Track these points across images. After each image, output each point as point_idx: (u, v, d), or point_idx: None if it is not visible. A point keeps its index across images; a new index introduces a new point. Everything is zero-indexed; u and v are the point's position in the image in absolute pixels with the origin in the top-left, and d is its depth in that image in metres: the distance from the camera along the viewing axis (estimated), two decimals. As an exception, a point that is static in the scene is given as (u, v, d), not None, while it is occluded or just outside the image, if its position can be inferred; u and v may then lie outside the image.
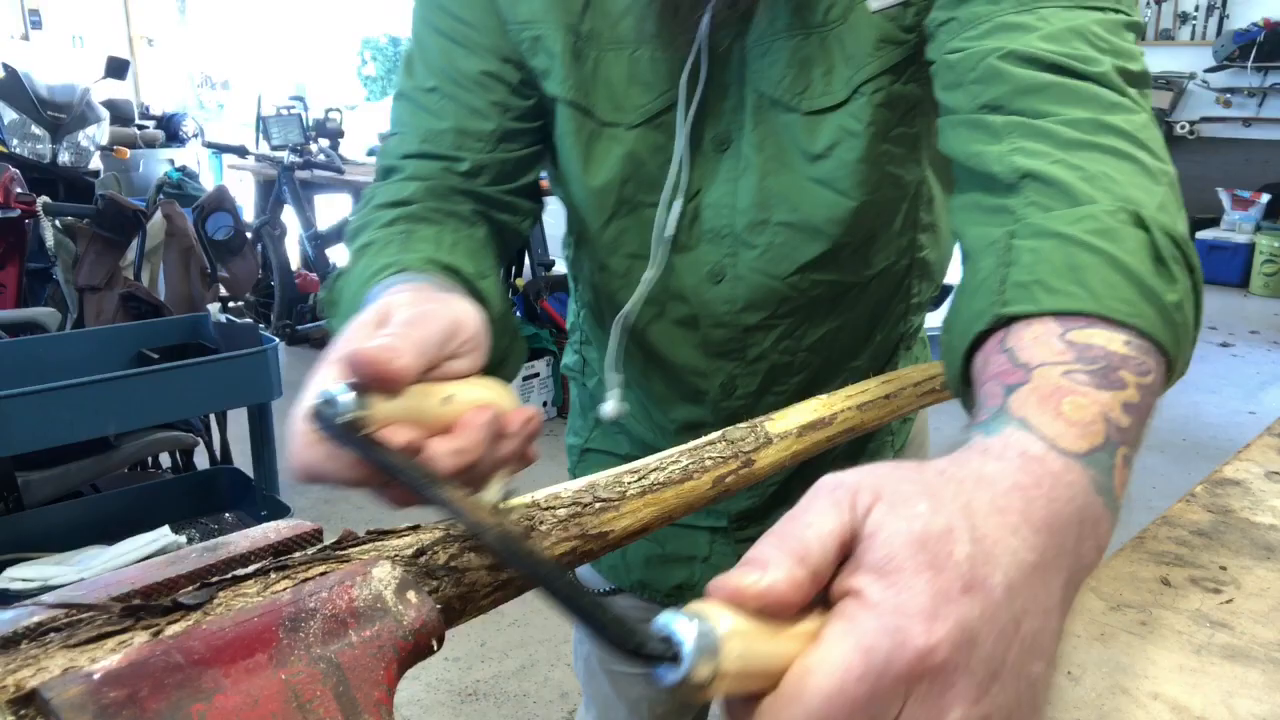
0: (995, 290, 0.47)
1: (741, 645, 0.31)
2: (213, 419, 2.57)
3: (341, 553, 0.37)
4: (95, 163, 3.68)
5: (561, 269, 4.08)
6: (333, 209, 5.26)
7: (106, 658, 0.28)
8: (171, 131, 6.71)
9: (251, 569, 0.34)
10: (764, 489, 0.92)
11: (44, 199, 2.75)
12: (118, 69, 4.38)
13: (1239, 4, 6.82)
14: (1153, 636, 0.84)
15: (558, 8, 0.73)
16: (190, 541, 2.09)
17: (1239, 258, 6.46)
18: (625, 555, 0.99)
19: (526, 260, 4.12)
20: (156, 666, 0.28)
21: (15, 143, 3.41)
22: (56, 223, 2.73)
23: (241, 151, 4.96)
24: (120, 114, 6.05)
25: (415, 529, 0.40)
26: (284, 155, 4.68)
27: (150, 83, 8.98)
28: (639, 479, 0.47)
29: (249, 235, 3.62)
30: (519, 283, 3.97)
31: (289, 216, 4.78)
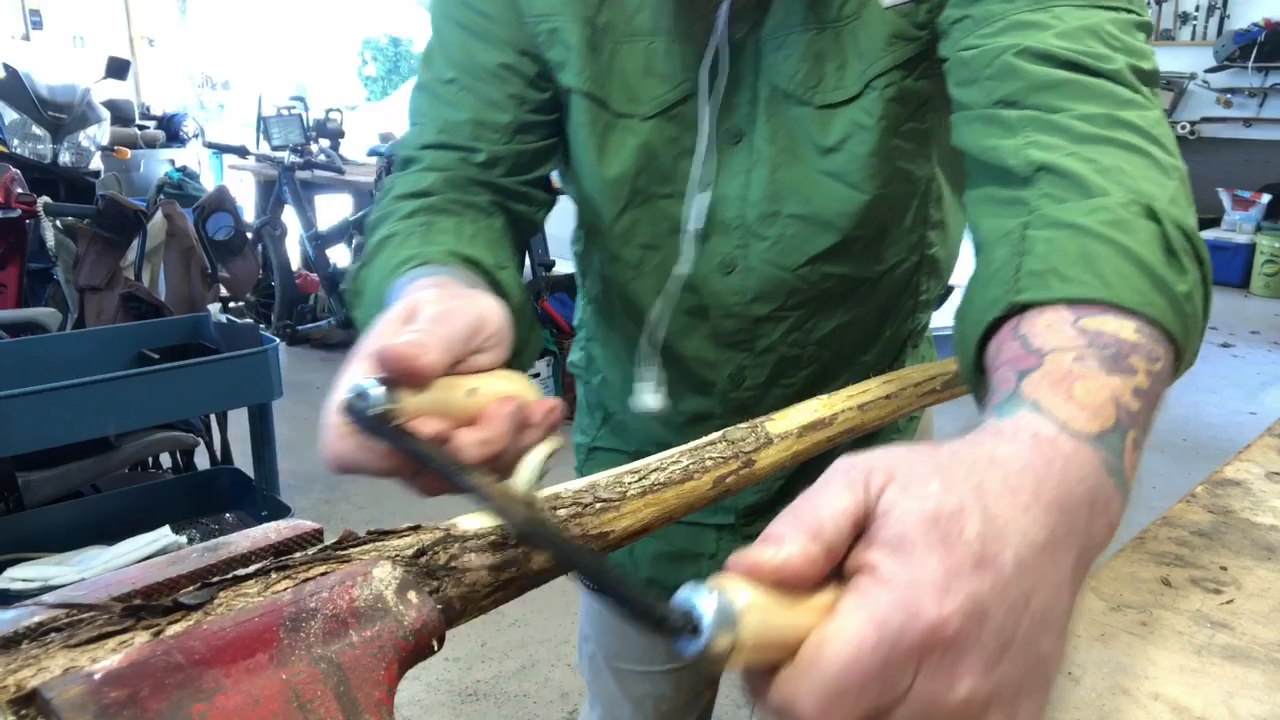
0: (1010, 279, 0.48)
1: (759, 617, 0.32)
2: (213, 419, 2.57)
3: (342, 553, 0.36)
4: (96, 163, 3.68)
5: (562, 269, 4.08)
6: (333, 209, 5.26)
7: (107, 658, 0.28)
8: (172, 132, 6.72)
9: (252, 569, 0.34)
10: (771, 484, 0.93)
11: (45, 199, 2.75)
12: (118, 69, 4.38)
13: (1239, 4, 6.81)
14: (1153, 637, 0.84)
15: (575, 0, 0.74)
16: (191, 542, 2.09)
17: (1239, 258, 6.45)
18: (633, 553, 0.99)
19: (527, 261, 4.12)
20: (157, 666, 0.28)
21: (16, 143, 3.41)
22: (57, 223, 2.73)
23: (242, 152, 4.96)
24: (121, 114, 6.06)
25: (416, 529, 0.40)
26: (284, 155, 4.68)
27: (151, 83, 8.98)
28: (639, 479, 0.47)
29: (249, 235, 3.62)
30: (519, 283, 3.97)
31: (289, 217, 4.78)
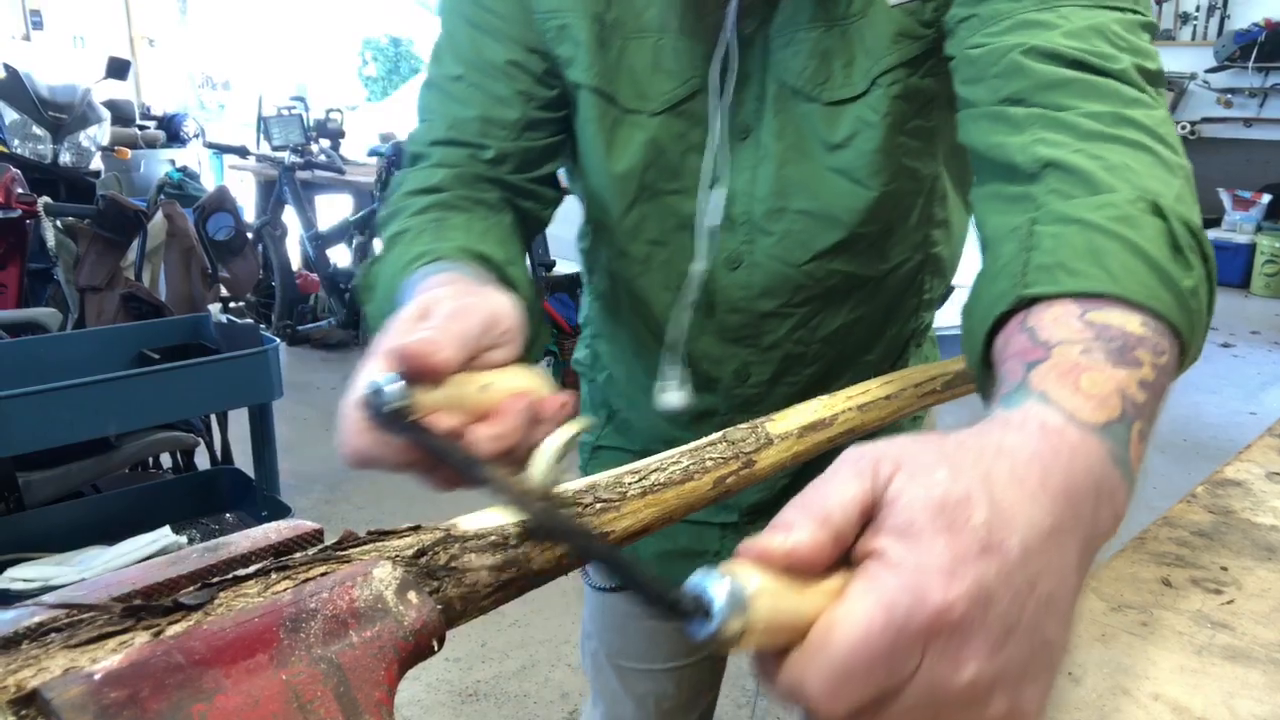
0: (1018, 273, 0.48)
1: (769, 602, 0.33)
2: (213, 419, 2.57)
3: (342, 553, 0.36)
4: (96, 163, 3.68)
5: (562, 270, 4.08)
6: (333, 209, 5.26)
7: (107, 658, 0.28)
8: (172, 132, 6.72)
9: (252, 569, 0.34)
10: (774, 483, 0.93)
11: (45, 199, 2.75)
12: (119, 69, 4.38)
13: (1240, 4, 6.82)
14: (1154, 637, 0.84)
15: None
16: (191, 542, 2.09)
17: (1240, 258, 6.45)
18: (637, 551, 0.99)
19: (527, 261, 4.11)
20: (157, 667, 0.28)
21: (16, 143, 3.41)
22: (58, 223, 2.73)
23: (242, 152, 4.96)
24: (121, 114, 6.06)
25: (416, 529, 0.40)
26: (285, 155, 4.68)
27: (151, 83, 8.99)
28: (640, 479, 0.48)
29: (250, 235, 3.62)
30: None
31: (290, 217, 4.78)
